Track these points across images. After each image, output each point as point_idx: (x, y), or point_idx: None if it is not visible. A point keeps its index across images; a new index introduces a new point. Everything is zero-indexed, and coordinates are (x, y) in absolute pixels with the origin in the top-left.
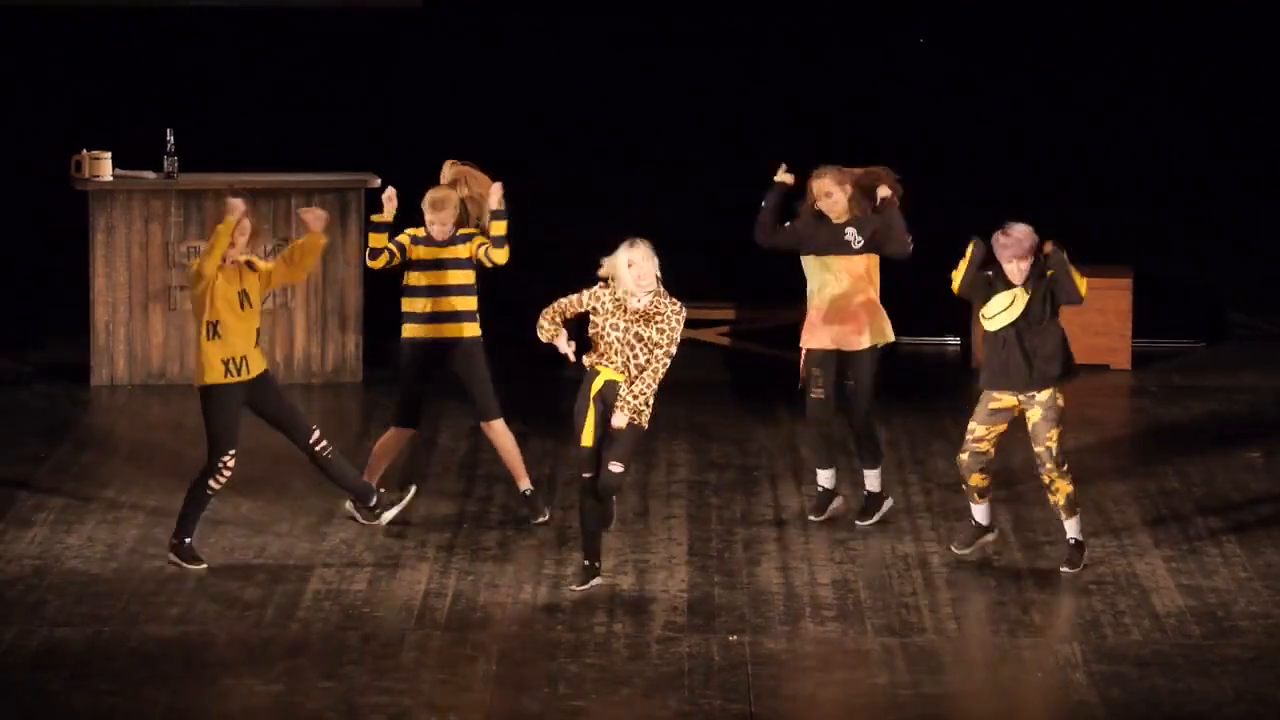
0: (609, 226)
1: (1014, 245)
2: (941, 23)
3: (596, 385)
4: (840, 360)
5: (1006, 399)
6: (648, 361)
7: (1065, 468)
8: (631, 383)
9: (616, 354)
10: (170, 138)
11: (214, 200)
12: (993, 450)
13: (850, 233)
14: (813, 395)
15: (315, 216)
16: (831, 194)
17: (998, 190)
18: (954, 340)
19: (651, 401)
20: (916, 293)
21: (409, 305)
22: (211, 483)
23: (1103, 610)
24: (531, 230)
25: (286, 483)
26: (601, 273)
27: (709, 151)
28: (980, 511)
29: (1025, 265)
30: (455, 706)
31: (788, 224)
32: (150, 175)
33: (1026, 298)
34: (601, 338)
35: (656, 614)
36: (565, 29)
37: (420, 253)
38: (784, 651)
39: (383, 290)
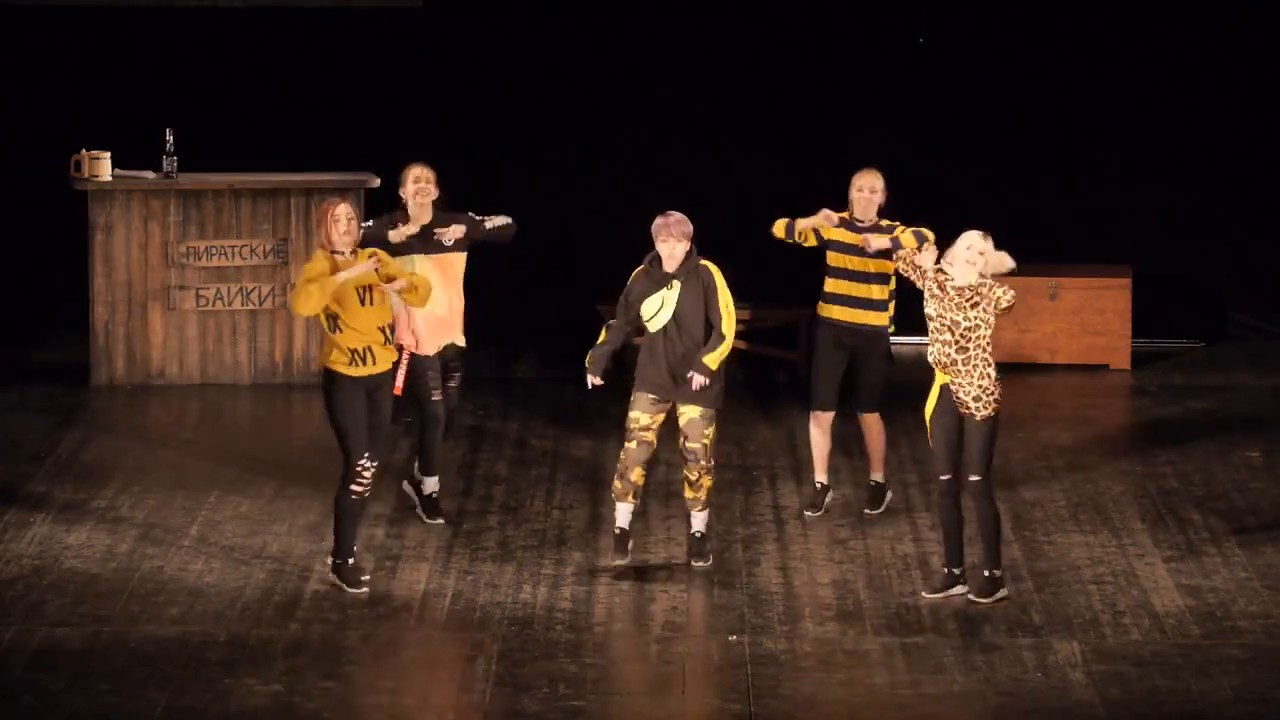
0: (610, 226)
1: (674, 226)
2: (941, 19)
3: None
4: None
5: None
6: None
7: (713, 463)
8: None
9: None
10: (170, 138)
11: (213, 200)
12: (655, 441)
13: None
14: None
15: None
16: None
17: (997, 190)
18: None
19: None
20: (917, 291)
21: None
22: (353, 488)
23: (1102, 610)
24: (532, 229)
25: (286, 483)
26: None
27: (710, 151)
28: (627, 513)
29: (683, 248)
30: (455, 706)
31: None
32: (150, 175)
33: (676, 295)
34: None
35: (656, 614)
36: (565, 29)
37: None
38: (784, 651)
39: None
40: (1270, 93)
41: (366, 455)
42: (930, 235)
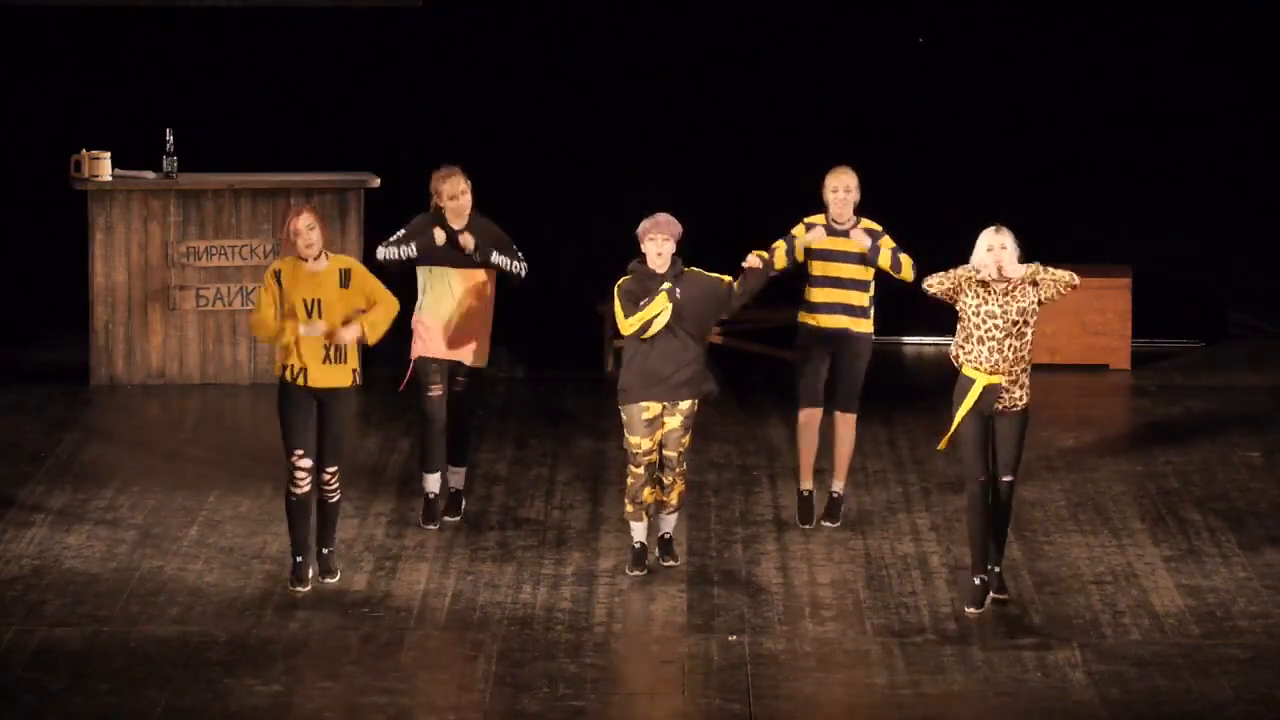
0: (608, 226)
1: (664, 226)
2: (941, 19)
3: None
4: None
5: (654, 407)
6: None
7: (685, 467)
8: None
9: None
10: (170, 138)
11: (213, 200)
12: (658, 457)
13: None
14: None
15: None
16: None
17: (997, 190)
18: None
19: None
20: (917, 292)
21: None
22: (291, 488)
23: (1102, 610)
24: (531, 229)
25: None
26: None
27: (708, 150)
28: (642, 530)
29: (671, 248)
30: (455, 706)
31: None
32: (150, 175)
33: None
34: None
35: (656, 614)
36: (565, 28)
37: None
38: (783, 651)
39: None
40: (1270, 93)
41: (298, 454)
42: (905, 261)
